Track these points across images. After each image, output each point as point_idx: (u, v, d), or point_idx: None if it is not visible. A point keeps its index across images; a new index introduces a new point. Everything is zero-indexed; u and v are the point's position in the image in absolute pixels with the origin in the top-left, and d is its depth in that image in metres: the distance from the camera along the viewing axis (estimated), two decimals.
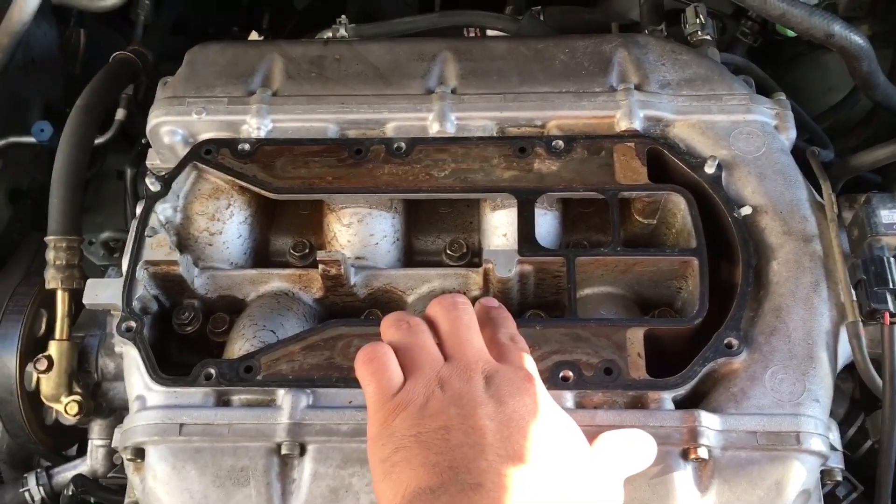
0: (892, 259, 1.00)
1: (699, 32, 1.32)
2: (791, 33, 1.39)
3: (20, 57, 1.67)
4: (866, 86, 1.27)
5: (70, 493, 1.21)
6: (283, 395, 1.02)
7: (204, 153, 1.18)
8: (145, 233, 1.12)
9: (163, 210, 1.16)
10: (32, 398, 1.27)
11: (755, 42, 1.49)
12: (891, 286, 0.98)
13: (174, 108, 1.22)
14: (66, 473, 1.33)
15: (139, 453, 1.02)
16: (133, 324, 1.08)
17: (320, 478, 0.99)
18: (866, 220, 1.03)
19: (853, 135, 1.45)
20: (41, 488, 1.32)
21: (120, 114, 1.61)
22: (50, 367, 1.24)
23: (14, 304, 1.30)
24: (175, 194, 1.18)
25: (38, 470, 1.34)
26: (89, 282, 1.13)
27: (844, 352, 1.06)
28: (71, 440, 1.42)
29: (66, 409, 1.24)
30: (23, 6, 1.42)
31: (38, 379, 1.25)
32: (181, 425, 1.01)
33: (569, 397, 1.01)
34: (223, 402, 1.03)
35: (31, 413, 1.29)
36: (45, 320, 1.30)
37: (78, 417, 1.24)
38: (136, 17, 1.74)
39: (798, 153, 1.19)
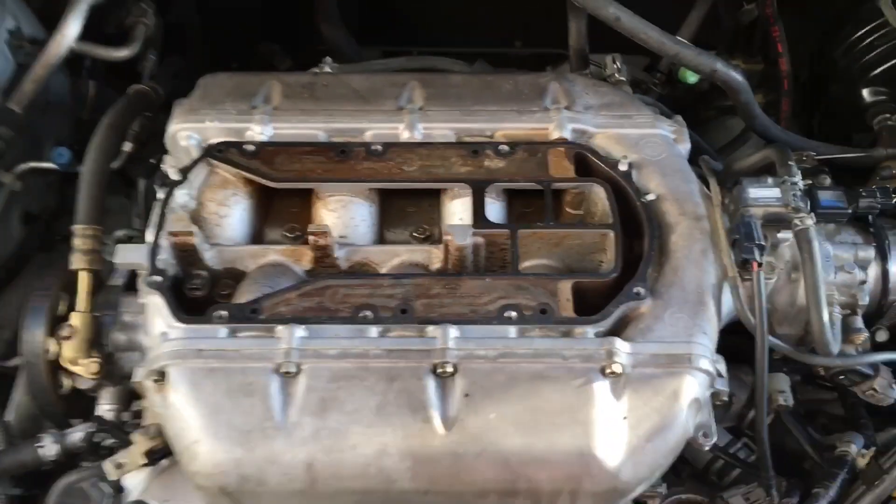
0: (757, 223, 1.30)
1: (616, 75, 1.65)
2: (691, 80, 1.74)
3: (40, 98, 1.94)
4: (746, 116, 1.60)
5: (92, 430, 1.41)
6: (282, 329, 1.26)
7: (216, 151, 1.45)
8: (167, 210, 1.38)
9: (181, 195, 1.42)
10: (53, 366, 1.48)
11: (663, 90, 1.83)
12: (756, 242, 1.28)
13: (190, 118, 1.49)
14: (76, 434, 1.51)
15: (162, 376, 1.24)
16: (158, 278, 1.32)
17: (312, 391, 1.22)
18: (739, 196, 1.34)
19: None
20: (56, 446, 1.51)
21: (127, 146, 1.87)
22: (72, 335, 1.46)
23: (41, 286, 1.53)
24: (191, 184, 1.44)
25: (52, 430, 1.53)
26: (119, 246, 1.37)
27: (728, 304, 1.35)
28: (78, 412, 1.61)
29: (86, 368, 1.45)
30: (61, 42, 1.71)
31: (61, 345, 1.46)
32: (199, 350, 1.24)
33: (512, 330, 1.27)
34: (233, 335, 1.27)
35: (52, 380, 1.49)
36: (65, 303, 1.53)
37: (96, 377, 1.45)
38: (143, 69, 2.02)
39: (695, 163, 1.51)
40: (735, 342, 1.39)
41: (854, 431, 1.47)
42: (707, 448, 1.27)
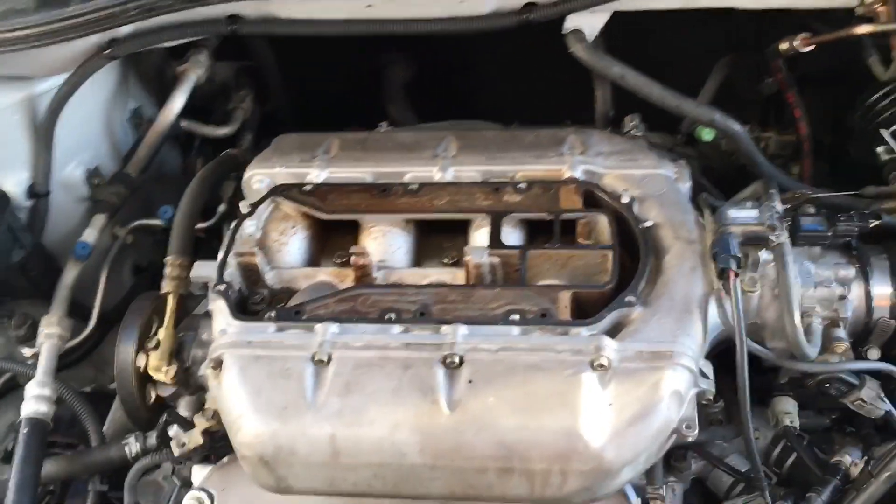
0: (734, 239, 1.46)
1: (632, 131, 1.85)
2: (706, 137, 1.92)
3: (156, 171, 2.31)
4: (749, 162, 1.77)
5: (163, 421, 1.65)
6: (319, 326, 1.49)
7: (280, 190, 1.74)
8: (237, 234, 1.66)
9: (248, 226, 1.70)
10: (140, 377, 1.74)
11: (685, 150, 2.02)
12: (731, 254, 1.43)
13: (264, 165, 1.79)
14: (154, 436, 1.76)
15: (219, 364, 1.49)
16: (223, 286, 1.58)
17: (339, 375, 1.43)
18: (718, 218, 1.51)
19: None
20: (137, 445, 1.75)
21: (221, 207, 2.19)
22: (157, 346, 1.72)
23: (133, 311, 1.81)
24: (258, 216, 1.71)
25: (136, 433, 1.78)
26: (197, 263, 1.65)
27: (714, 317, 1.49)
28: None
29: (166, 374, 1.70)
30: (168, 115, 2.07)
31: (148, 356, 1.73)
32: (249, 342, 1.48)
33: (515, 330, 1.45)
34: (280, 331, 1.51)
35: (139, 390, 1.75)
36: (155, 325, 1.80)
37: (174, 382, 1.70)
38: (240, 146, 2.37)
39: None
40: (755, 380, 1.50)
41: (851, 446, 1.54)
42: (690, 439, 1.39)
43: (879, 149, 1.94)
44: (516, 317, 1.47)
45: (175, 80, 2.33)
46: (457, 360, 1.41)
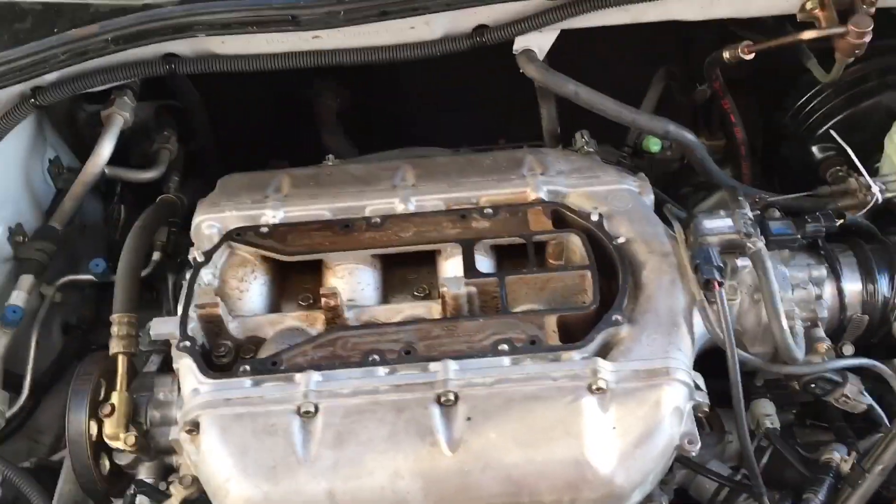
0: (714, 249, 1.47)
1: (584, 147, 1.85)
2: (654, 148, 1.94)
3: (78, 222, 2.16)
4: (703, 171, 1.80)
5: (132, 492, 1.53)
6: (299, 376, 1.41)
7: (235, 235, 1.65)
8: (194, 286, 1.56)
9: (205, 274, 1.60)
10: (95, 446, 1.62)
11: (632, 163, 2.03)
12: (715, 264, 1.44)
13: (212, 210, 1.70)
14: None
15: (195, 426, 1.39)
16: (188, 343, 1.48)
17: (329, 426, 1.36)
18: (695, 229, 1.51)
19: None
20: None
21: (156, 255, 2.06)
22: (112, 412, 1.60)
23: (81, 375, 1.68)
24: (214, 264, 1.62)
25: None
26: (155, 320, 1.54)
27: (700, 327, 1.49)
28: (118, 492, 1.73)
29: (125, 441, 1.58)
30: (96, 162, 1.94)
31: (102, 423, 1.60)
32: (226, 399, 1.39)
33: (506, 360, 1.41)
34: (257, 385, 1.42)
35: (94, 459, 1.62)
36: (104, 388, 1.68)
37: (134, 448, 1.58)
38: (167, 189, 2.25)
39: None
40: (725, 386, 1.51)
41: (837, 442, 1.57)
42: (694, 454, 1.38)
43: (814, 148, 2.01)
44: (505, 346, 1.43)
45: (90, 123, 2.21)
46: (452, 397, 1.37)
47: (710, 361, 1.51)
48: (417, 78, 2.32)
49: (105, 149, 1.96)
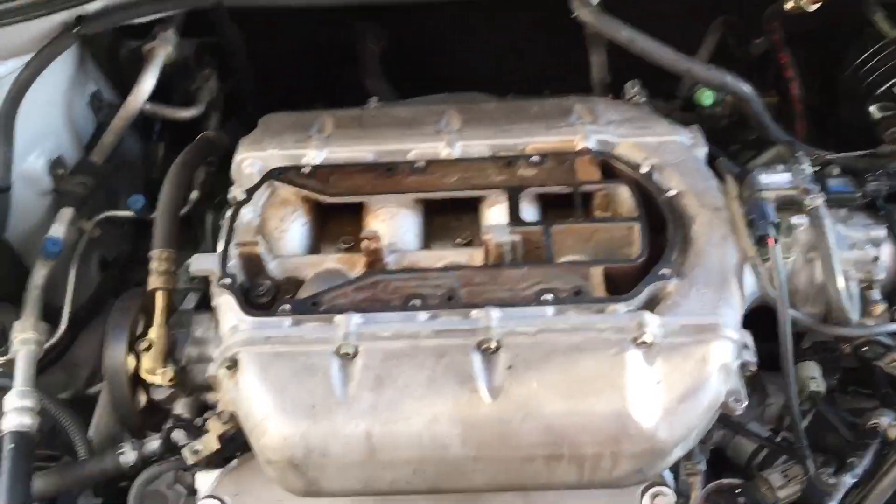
0: (770, 204, 1.42)
1: (635, 98, 1.80)
2: (707, 102, 1.88)
3: (117, 157, 2.15)
4: (759, 126, 1.73)
5: (169, 425, 1.53)
6: (340, 317, 1.39)
7: (277, 174, 1.62)
8: (235, 224, 1.54)
9: (246, 213, 1.58)
10: (132, 380, 1.62)
11: (682, 117, 1.97)
12: (770, 220, 1.39)
13: (253, 147, 1.67)
14: (153, 443, 1.63)
15: (234, 363, 1.37)
16: (229, 280, 1.47)
17: (368, 369, 1.34)
18: (750, 183, 1.46)
19: None
20: (134, 453, 1.63)
21: (194, 194, 2.05)
22: (150, 347, 1.59)
23: (120, 309, 1.68)
24: (255, 203, 1.60)
25: (132, 440, 1.65)
26: (195, 256, 1.53)
27: (750, 285, 1.45)
28: (154, 427, 1.73)
29: (162, 375, 1.58)
30: (137, 97, 1.92)
31: (140, 357, 1.60)
32: (266, 337, 1.38)
33: (549, 310, 1.38)
34: (297, 325, 1.40)
35: (131, 392, 1.62)
36: (142, 324, 1.67)
37: (171, 384, 1.58)
38: (206, 128, 2.23)
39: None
40: (774, 349, 1.47)
41: (883, 408, 1.53)
42: (739, 412, 1.35)
43: (872, 107, 1.93)
44: (549, 296, 1.40)
45: (131, 59, 2.19)
46: (493, 345, 1.34)
47: (753, 325, 1.47)
48: (460, 25, 2.27)
49: (147, 83, 1.94)
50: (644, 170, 1.56)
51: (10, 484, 1.51)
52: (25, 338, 1.70)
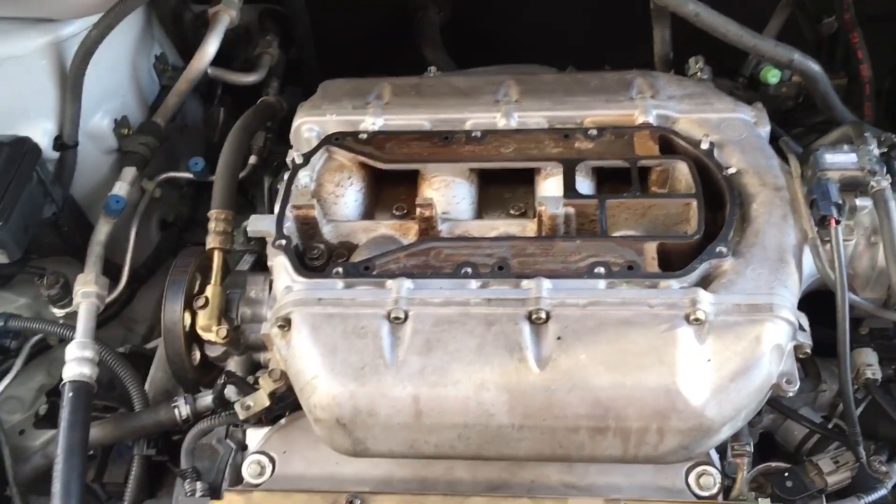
0: (834, 184, 1.39)
1: (698, 73, 1.77)
2: (772, 80, 1.84)
3: (179, 120, 2.19)
4: (826, 106, 1.69)
5: (222, 381, 1.57)
6: (391, 282, 1.40)
7: (334, 139, 1.64)
8: (292, 187, 1.56)
9: (303, 176, 1.60)
10: (188, 336, 1.65)
11: (746, 94, 1.93)
12: (833, 201, 1.36)
13: (312, 112, 1.69)
14: (206, 398, 1.67)
15: (287, 322, 1.40)
16: (284, 241, 1.49)
17: (418, 333, 1.35)
18: (815, 162, 1.43)
19: None
20: (188, 407, 1.67)
21: (252, 159, 2.08)
22: (206, 305, 1.63)
23: (178, 267, 1.71)
24: (312, 167, 1.61)
25: (186, 395, 1.70)
26: (252, 217, 1.55)
27: (809, 267, 1.42)
28: (208, 384, 1.77)
29: (217, 333, 1.61)
30: (201, 60, 1.95)
31: (196, 314, 1.63)
32: (319, 298, 1.40)
33: (602, 283, 1.38)
34: (349, 287, 1.42)
35: (187, 349, 1.66)
36: (199, 282, 1.71)
37: (226, 341, 1.61)
38: (267, 94, 2.25)
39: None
40: (831, 334, 1.44)
41: None
42: (791, 394, 1.33)
43: None
44: (601, 270, 1.39)
45: (195, 23, 2.22)
46: (543, 315, 1.34)
47: (810, 309, 1.45)
48: None
49: (210, 46, 1.97)
50: (704, 146, 1.53)
51: (69, 430, 1.57)
52: (87, 291, 1.75)
